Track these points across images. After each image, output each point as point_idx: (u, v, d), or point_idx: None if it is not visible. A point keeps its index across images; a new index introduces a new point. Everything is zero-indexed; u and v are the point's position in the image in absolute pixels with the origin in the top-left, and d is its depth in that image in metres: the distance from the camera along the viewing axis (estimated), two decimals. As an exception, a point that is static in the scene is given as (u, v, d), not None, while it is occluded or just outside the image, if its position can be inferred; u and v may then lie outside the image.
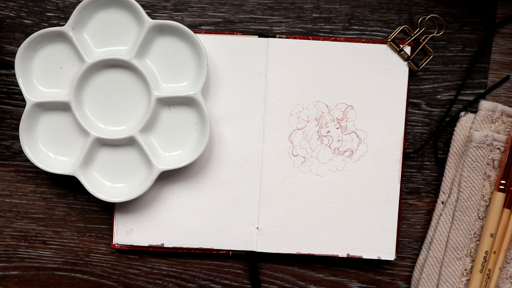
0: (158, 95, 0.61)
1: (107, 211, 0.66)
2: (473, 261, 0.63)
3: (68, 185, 0.66)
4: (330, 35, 0.64)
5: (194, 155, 0.61)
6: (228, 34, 0.63)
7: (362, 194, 0.64)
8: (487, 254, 0.62)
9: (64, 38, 0.61)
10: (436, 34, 0.64)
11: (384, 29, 0.64)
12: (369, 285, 0.66)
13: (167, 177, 0.64)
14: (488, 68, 0.65)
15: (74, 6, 0.64)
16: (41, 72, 0.62)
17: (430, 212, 0.66)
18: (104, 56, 0.61)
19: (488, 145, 0.62)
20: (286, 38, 0.63)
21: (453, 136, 0.64)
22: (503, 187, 0.62)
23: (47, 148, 0.63)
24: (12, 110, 0.65)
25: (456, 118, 0.64)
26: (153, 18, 0.63)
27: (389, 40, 0.63)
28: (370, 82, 0.63)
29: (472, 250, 0.63)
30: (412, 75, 0.64)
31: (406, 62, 0.63)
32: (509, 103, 0.65)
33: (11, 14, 0.64)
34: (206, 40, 0.63)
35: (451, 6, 0.64)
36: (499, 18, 0.64)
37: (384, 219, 0.64)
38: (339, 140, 0.64)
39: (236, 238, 0.64)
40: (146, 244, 0.64)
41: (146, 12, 0.61)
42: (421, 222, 0.66)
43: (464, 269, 0.63)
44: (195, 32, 0.62)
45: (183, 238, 0.64)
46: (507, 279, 0.63)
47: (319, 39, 0.63)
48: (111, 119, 0.62)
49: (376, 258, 0.64)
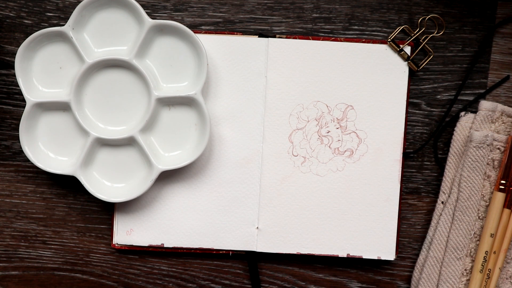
0: (158, 95, 0.61)
1: (107, 211, 0.66)
2: (473, 261, 0.63)
3: (68, 185, 0.65)
4: (330, 35, 0.64)
5: (194, 155, 0.61)
6: (228, 34, 0.63)
7: (362, 194, 0.64)
8: (487, 254, 0.62)
9: (64, 38, 0.61)
10: (436, 34, 0.64)
11: (384, 29, 0.64)
12: (369, 285, 0.66)
13: (167, 177, 0.64)
14: (488, 68, 0.65)
15: (74, 6, 0.64)
16: (41, 72, 0.62)
17: (430, 212, 0.66)
18: (104, 56, 0.61)
19: (488, 145, 0.62)
20: (286, 38, 0.63)
21: (453, 136, 0.64)
22: (503, 187, 0.62)
23: (47, 148, 0.63)
24: (12, 110, 0.65)
25: (456, 118, 0.64)
26: (153, 18, 0.63)
27: (389, 40, 0.63)
28: (370, 82, 0.63)
29: (472, 250, 0.63)
30: (412, 75, 0.64)
31: (406, 62, 0.63)
32: (509, 103, 0.65)
33: (11, 14, 0.64)
34: (206, 40, 0.63)
35: (451, 6, 0.64)
36: (499, 18, 0.64)
37: (384, 219, 0.64)
38: (339, 140, 0.64)
39: (236, 238, 0.64)
40: (146, 244, 0.64)
41: (146, 12, 0.61)
42: (421, 222, 0.66)
43: (464, 269, 0.63)
44: (195, 32, 0.62)
45: (183, 238, 0.64)
46: (507, 279, 0.63)
47: (319, 39, 0.63)
48: (111, 119, 0.62)
49: (376, 258, 0.64)
